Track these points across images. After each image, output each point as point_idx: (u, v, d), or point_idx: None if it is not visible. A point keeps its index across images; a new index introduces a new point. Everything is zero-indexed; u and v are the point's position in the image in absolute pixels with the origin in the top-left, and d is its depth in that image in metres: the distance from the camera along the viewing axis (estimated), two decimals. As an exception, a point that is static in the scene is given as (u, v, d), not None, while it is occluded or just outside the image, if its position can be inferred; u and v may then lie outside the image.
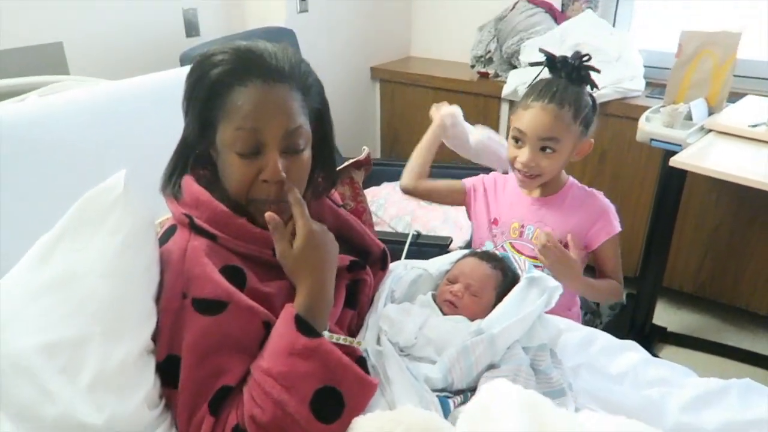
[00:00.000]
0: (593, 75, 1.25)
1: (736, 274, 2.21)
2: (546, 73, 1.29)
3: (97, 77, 1.62)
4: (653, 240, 2.05)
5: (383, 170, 2.43)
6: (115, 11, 1.95)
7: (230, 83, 0.83)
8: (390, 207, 2.17)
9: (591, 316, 2.32)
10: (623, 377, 1.04)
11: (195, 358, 0.80)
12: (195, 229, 0.87)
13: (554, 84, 1.22)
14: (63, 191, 0.93)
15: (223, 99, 0.83)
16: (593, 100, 1.27)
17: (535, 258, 1.28)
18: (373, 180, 2.36)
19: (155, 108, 1.46)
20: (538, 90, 1.22)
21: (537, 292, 1.00)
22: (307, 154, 0.89)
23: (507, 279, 1.08)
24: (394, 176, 2.37)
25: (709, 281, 2.28)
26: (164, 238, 0.91)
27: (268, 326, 0.85)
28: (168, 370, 0.81)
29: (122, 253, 0.81)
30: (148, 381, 0.80)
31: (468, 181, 1.47)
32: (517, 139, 1.24)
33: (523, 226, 1.34)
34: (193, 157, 0.92)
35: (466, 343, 0.90)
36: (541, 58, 1.30)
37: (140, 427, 0.78)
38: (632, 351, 1.10)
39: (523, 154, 1.22)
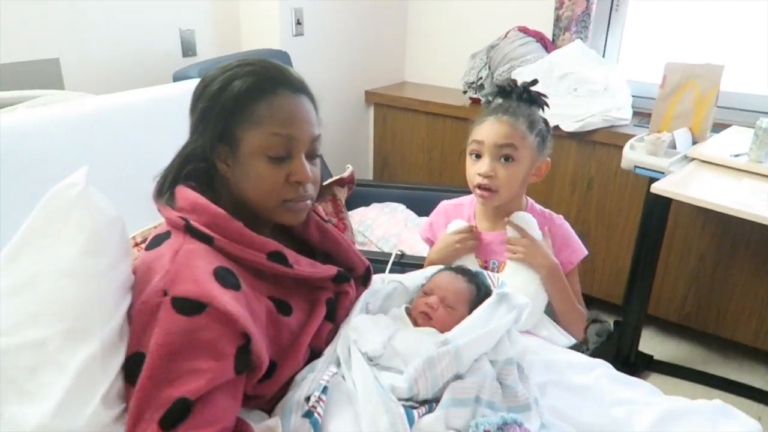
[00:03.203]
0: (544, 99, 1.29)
1: (721, 304, 2.22)
2: None
3: (92, 93, 1.66)
4: (637, 268, 2.06)
5: (374, 192, 2.46)
6: (112, 29, 1.99)
7: (259, 93, 0.88)
8: (377, 228, 2.18)
9: (577, 343, 2.32)
10: (591, 395, 1.04)
11: (160, 356, 0.78)
12: (191, 231, 0.88)
13: (507, 102, 1.26)
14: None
15: (251, 108, 0.88)
16: (546, 122, 1.30)
17: None
18: (363, 201, 2.39)
19: (143, 122, 1.50)
20: (491, 108, 1.27)
21: (506, 307, 1.02)
22: (319, 161, 0.97)
23: (480, 294, 1.09)
24: (384, 198, 2.40)
25: (695, 311, 2.29)
26: (157, 242, 0.91)
27: (246, 337, 0.83)
28: (132, 367, 0.81)
29: (85, 252, 0.81)
30: (108, 380, 0.80)
31: (428, 242, 1.44)
32: (475, 153, 1.26)
33: (485, 262, 1.34)
34: (195, 168, 0.94)
35: (432, 354, 0.91)
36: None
37: (98, 427, 0.77)
38: (601, 369, 1.11)
39: (483, 164, 1.24)
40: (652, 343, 2.33)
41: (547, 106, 1.29)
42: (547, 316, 1.25)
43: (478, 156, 1.26)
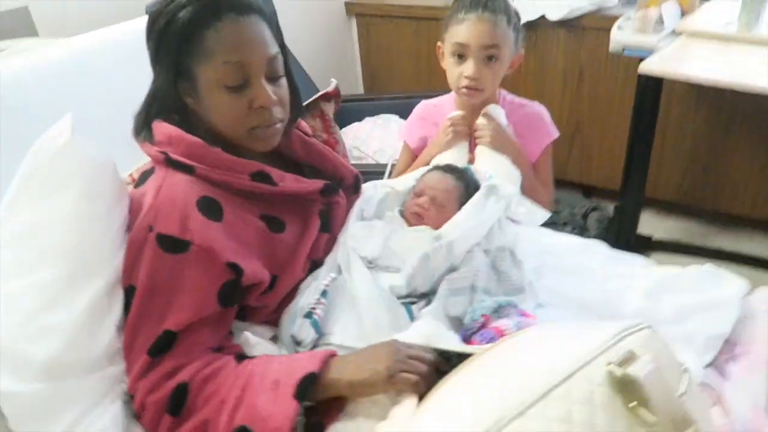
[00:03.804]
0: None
1: (718, 179, 2.24)
2: None
3: (66, 37, 1.62)
4: (633, 152, 2.06)
5: (365, 106, 2.44)
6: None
7: (204, 23, 0.84)
8: (372, 141, 2.19)
9: (578, 230, 2.37)
10: (585, 273, 1.09)
11: (147, 291, 0.84)
12: (171, 164, 0.90)
13: None
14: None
15: (198, 40, 0.85)
16: (517, 13, 1.29)
17: None
18: (356, 116, 2.38)
19: (121, 58, 1.48)
20: (467, 3, 1.23)
21: (495, 199, 1.05)
22: (284, 79, 0.94)
23: (470, 189, 1.12)
24: (376, 111, 2.39)
25: (691, 189, 2.32)
26: (143, 179, 0.94)
27: (235, 267, 0.86)
28: (127, 299, 0.86)
29: (79, 199, 0.85)
30: (118, 311, 0.86)
31: (412, 142, 1.45)
32: (459, 55, 1.25)
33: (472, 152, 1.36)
34: (162, 105, 0.94)
35: (427, 251, 0.95)
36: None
37: (112, 353, 0.85)
38: (595, 247, 1.15)
39: (469, 67, 1.23)
40: (651, 224, 2.37)
41: None
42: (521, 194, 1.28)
43: (461, 56, 1.25)
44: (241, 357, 0.87)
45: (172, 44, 0.86)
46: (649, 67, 1.63)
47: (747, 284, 1.08)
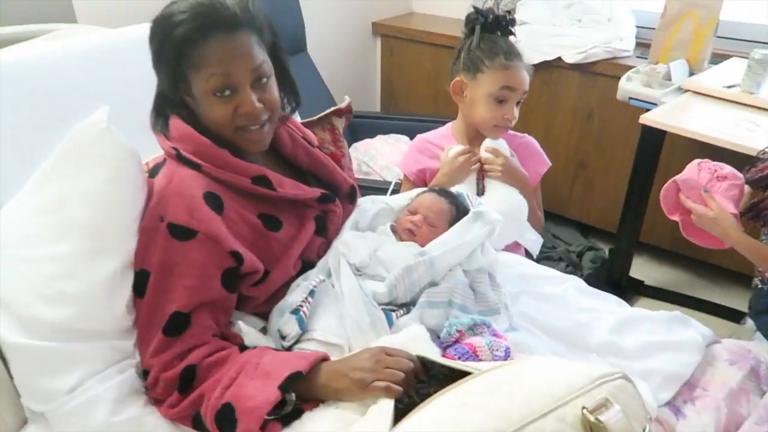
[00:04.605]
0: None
1: (711, 231, 2.29)
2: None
3: (105, 27, 1.72)
4: (631, 196, 2.13)
5: (379, 123, 2.53)
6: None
7: (195, 40, 0.92)
8: (380, 158, 2.28)
9: (572, 268, 2.42)
10: (559, 302, 1.16)
11: (160, 275, 0.92)
12: (181, 160, 0.99)
13: (507, 41, 1.33)
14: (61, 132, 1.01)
15: (191, 55, 0.93)
16: None
17: None
18: (368, 132, 2.47)
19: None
20: (505, 49, 1.32)
21: (481, 224, 1.12)
22: (272, 80, 1.01)
23: (460, 213, 1.19)
24: (389, 129, 2.48)
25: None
26: (155, 171, 1.03)
27: (236, 255, 0.95)
28: (138, 282, 0.95)
29: (106, 182, 0.94)
30: (129, 289, 0.94)
31: (411, 174, 1.51)
32: (502, 98, 1.33)
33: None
34: (170, 102, 1.03)
35: (410, 263, 1.02)
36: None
37: (122, 328, 0.93)
38: (572, 282, 1.22)
39: (511, 111, 1.34)
40: (644, 269, 2.43)
41: (515, 35, 1.39)
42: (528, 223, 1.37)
43: (503, 100, 1.33)
44: (243, 347, 0.96)
45: (170, 56, 0.95)
46: (650, 117, 1.70)
47: (712, 333, 1.14)
